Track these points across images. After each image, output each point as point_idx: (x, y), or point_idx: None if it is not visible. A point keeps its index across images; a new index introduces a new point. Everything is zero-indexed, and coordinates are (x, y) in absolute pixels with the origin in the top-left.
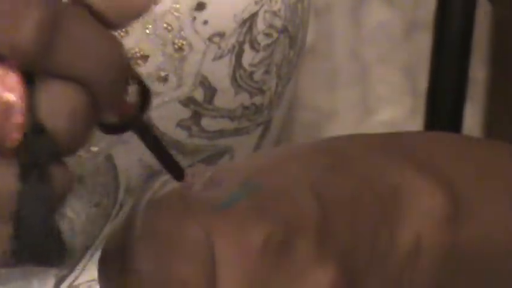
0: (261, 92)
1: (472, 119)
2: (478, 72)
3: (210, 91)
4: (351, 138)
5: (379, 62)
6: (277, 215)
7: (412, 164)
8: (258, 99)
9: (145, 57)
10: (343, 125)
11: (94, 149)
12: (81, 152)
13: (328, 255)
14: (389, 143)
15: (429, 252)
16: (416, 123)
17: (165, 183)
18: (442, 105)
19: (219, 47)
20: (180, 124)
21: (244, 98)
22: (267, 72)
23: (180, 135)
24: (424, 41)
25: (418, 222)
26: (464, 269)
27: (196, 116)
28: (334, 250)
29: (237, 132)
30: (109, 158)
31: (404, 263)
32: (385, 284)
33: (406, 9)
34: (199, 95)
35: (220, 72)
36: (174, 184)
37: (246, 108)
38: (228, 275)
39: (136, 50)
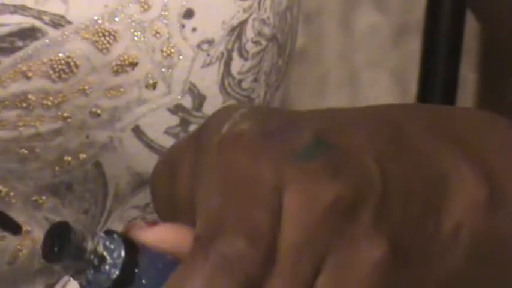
0: (250, 99)
1: None
2: (468, 75)
3: (199, 98)
4: (407, 111)
5: (369, 66)
6: (348, 180)
7: (462, 152)
8: None
9: (134, 64)
10: None
11: (82, 156)
12: (70, 159)
13: (383, 230)
14: (443, 124)
15: (466, 242)
16: None
17: None
18: None
19: (208, 54)
20: (168, 131)
21: None
22: (255, 80)
23: (169, 142)
24: (414, 45)
25: (461, 212)
26: (494, 261)
27: (185, 124)
28: (388, 226)
29: None
30: (97, 165)
31: (444, 250)
32: (425, 267)
33: (396, 14)
34: (187, 102)
35: (209, 80)
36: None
37: None
38: (291, 227)
39: (125, 57)
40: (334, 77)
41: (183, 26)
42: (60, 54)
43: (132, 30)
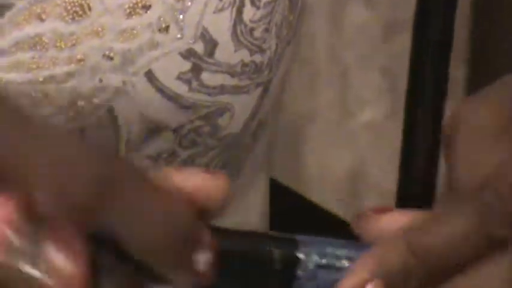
0: (261, 50)
1: None
2: (458, 71)
3: (211, 44)
4: None
5: (359, 64)
6: None
7: None
8: (257, 58)
9: (146, 7)
10: (323, 127)
11: (95, 100)
12: (83, 104)
13: None
14: None
15: None
16: (396, 124)
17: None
18: (422, 106)
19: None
20: (180, 77)
21: (244, 55)
22: (266, 30)
23: (181, 88)
24: (404, 42)
25: None
26: None
27: (197, 69)
28: None
29: (237, 89)
30: (110, 111)
31: None
32: None
33: (385, 11)
34: (199, 47)
35: (221, 25)
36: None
37: (245, 65)
38: None
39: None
40: (324, 75)
41: None
42: None
43: None
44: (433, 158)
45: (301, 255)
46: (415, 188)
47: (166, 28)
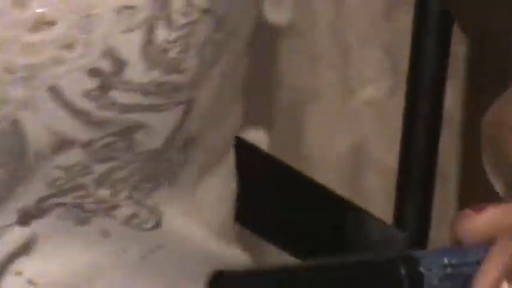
0: (178, 70)
1: (453, 97)
2: (460, 48)
3: (119, 63)
4: None
5: (361, 42)
6: None
7: None
8: (174, 78)
9: (51, 23)
10: (324, 106)
11: None
12: None
13: None
14: None
15: None
16: (397, 102)
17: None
18: (423, 84)
19: (129, 20)
20: (87, 94)
21: (157, 75)
22: (184, 51)
23: (88, 105)
24: (406, 20)
25: None
26: None
27: (104, 88)
28: None
29: (152, 108)
30: (15, 123)
31: None
32: None
33: None
34: (107, 66)
35: (129, 45)
36: None
37: (160, 85)
38: None
39: (43, 15)
40: (325, 53)
41: None
42: None
43: None
44: (434, 136)
45: (423, 270)
46: (416, 166)
47: (71, 45)
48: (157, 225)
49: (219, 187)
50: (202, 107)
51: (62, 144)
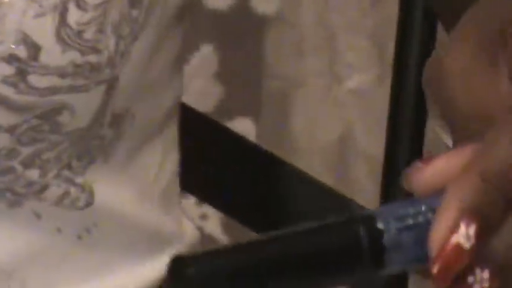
0: (96, 50)
1: None
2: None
3: (34, 48)
4: None
5: (347, 29)
6: None
7: None
8: (92, 58)
9: None
10: (310, 93)
11: None
12: None
13: None
14: None
15: None
16: (384, 90)
17: None
18: (410, 72)
19: (40, 5)
20: (5, 80)
21: (74, 56)
22: (100, 31)
23: (7, 91)
24: (392, 8)
25: None
26: None
27: (21, 73)
28: None
29: (72, 89)
30: None
31: None
32: None
33: None
34: (22, 52)
35: (42, 30)
36: None
37: (78, 66)
38: None
39: None
40: (311, 41)
41: None
42: None
43: None
44: (420, 124)
45: (381, 226)
46: (402, 154)
47: None
48: (89, 203)
49: (159, 158)
50: (126, 85)
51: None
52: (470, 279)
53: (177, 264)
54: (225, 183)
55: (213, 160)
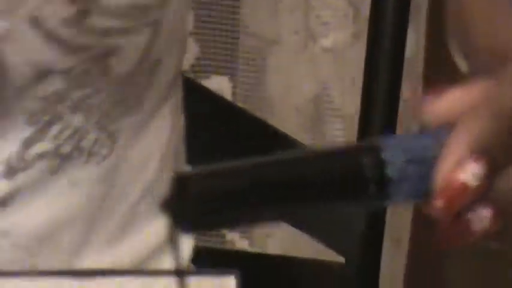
0: None
1: (415, 43)
2: None
3: None
4: None
5: None
6: None
7: None
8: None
9: None
10: (286, 51)
11: None
12: None
13: None
14: None
15: None
16: (359, 49)
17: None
18: (385, 31)
19: None
20: (66, 21)
21: None
22: None
23: (67, 33)
24: None
25: None
26: None
27: (83, 13)
28: None
29: (125, 31)
30: None
31: None
32: None
33: None
34: None
35: None
36: None
37: (132, 7)
38: None
39: None
40: (287, 0)
41: None
42: None
43: None
44: (395, 83)
45: (386, 156)
46: (377, 113)
47: None
48: (110, 153)
49: (170, 121)
50: (166, 30)
51: (42, 73)
52: (471, 216)
53: (179, 182)
54: (200, 140)
55: (189, 117)
